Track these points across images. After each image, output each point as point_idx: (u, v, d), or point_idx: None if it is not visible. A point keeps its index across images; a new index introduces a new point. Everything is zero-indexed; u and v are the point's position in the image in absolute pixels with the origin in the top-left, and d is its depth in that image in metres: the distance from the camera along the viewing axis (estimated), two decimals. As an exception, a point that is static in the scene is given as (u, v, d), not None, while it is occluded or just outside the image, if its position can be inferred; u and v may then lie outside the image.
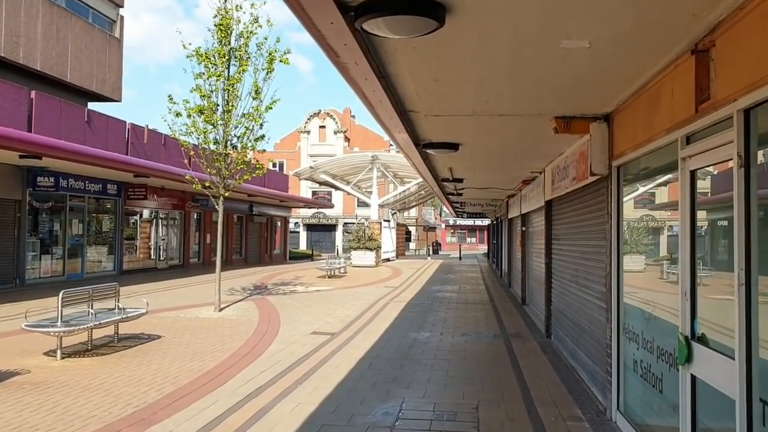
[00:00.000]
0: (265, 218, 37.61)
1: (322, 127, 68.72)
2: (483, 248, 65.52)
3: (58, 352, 8.77)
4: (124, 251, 23.12)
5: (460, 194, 18.50)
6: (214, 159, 13.68)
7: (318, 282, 22.35)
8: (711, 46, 3.67)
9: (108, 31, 24.99)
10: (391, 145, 52.53)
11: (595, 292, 7.35)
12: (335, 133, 67.94)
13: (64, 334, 8.87)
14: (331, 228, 66.94)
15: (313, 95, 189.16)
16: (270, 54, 13.57)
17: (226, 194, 13.95)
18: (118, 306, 10.20)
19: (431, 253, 51.91)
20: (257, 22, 13.67)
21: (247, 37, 13.62)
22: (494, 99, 5.72)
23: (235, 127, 13.69)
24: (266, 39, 13.69)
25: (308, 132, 68.49)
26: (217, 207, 13.98)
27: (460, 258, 44.75)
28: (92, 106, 24.18)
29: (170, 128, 13.37)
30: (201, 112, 13.33)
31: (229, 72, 13.58)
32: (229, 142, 13.76)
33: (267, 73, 13.45)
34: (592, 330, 7.53)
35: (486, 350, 10.03)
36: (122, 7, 25.84)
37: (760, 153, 3.27)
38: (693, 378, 4.00)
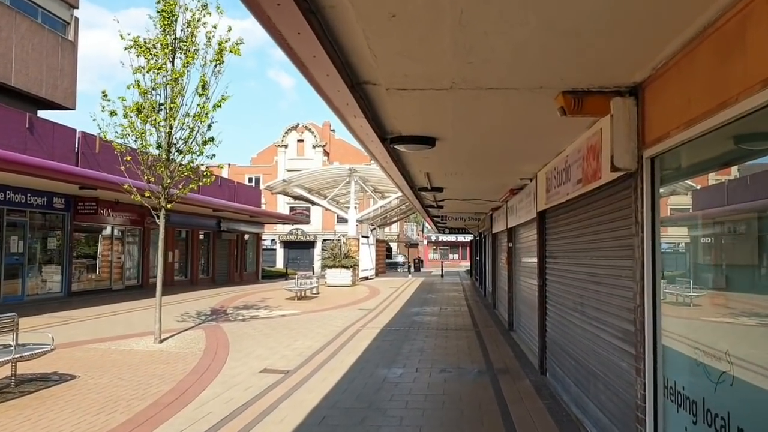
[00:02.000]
0: (234, 235, 35.58)
1: (301, 140, 66.97)
2: (466, 265, 63.78)
3: None
4: (73, 271, 20.98)
5: (441, 206, 16.75)
6: (155, 165, 11.81)
7: (285, 305, 20.41)
8: None
9: (60, 33, 23.02)
10: (371, 161, 50.26)
11: (612, 329, 5.59)
12: (314, 147, 66.21)
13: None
14: (310, 245, 64.84)
15: (295, 112, 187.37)
16: (220, 45, 11.79)
17: (169, 206, 12.06)
18: (16, 342, 8.24)
19: (413, 270, 50.08)
20: (206, 8, 11.91)
21: (194, 26, 11.83)
22: (480, 58, 3.97)
23: (181, 128, 11.85)
24: (215, 27, 11.85)
25: (286, 146, 66.70)
26: (157, 221, 12.06)
27: (442, 275, 42.95)
28: (44, 114, 22.21)
29: (100, 128, 11.48)
30: (139, 110, 11.48)
31: (173, 65, 11.76)
32: (173, 146, 11.90)
33: (215, 66, 11.65)
34: (607, 378, 5.76)
35: (469, 394, 8.20)
36: (77, 8, 23.92)
37: None
38: None
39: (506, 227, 14.82)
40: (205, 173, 12.44)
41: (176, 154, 11.98)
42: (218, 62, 11.63)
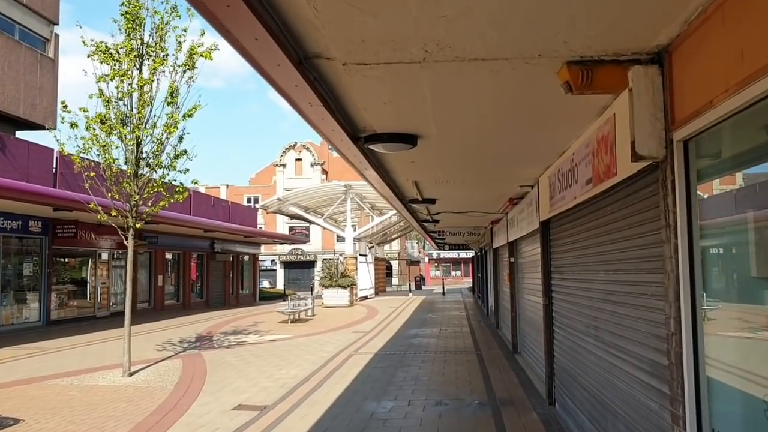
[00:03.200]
0: (229, 256, 34.55)
1: (299, 159, 66.34)
2: (468, 282, 62.54)
3: None
4: (52, 298, 19.91)
5: (437, 221, 15.73)
6: (122, 180, 10.84)
7: (277, 329, 19.32)
8: None
9: (40, 51, 22.19)
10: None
11: (635, 359, 4.55)
12: (312, 165, 65.50)
13: None
14: (310, 265, 63.71)
15: (296, 131, 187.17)
16: (191, 49, 10.86)
17: (138, 225, 11.05)
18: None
19: (414, 288, 48.92)
20: (175, 11, 11.00)
21: (163, 29, 10.91)
22: (456, 8, 2.98)
23: (151, 141, 10.89)
24: (185, 31, 10.93)
25: (284, 165, 66.06)
26: (125, 242, 11.05)
27: (443, 293, 41.77)
28: (23, 135, 21.30)
29: (57, 141, 10.54)
30: (102, 121, 10.53)
31: (141, 72, 10.82)
32: (143, 160, 10.93)
33: (185, 72, 10.71)
34: (630, 419, 4.70)
35: (468, 432, 7.13)
36: (57, 24, 23.13)
37: None
38: None
39: (507, 241, 13.79)
40: (177, 189, 11.44)
41: (146, 168, 11.01)
42: (189, 68, 10.69)
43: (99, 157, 10.71)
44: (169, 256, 28.41)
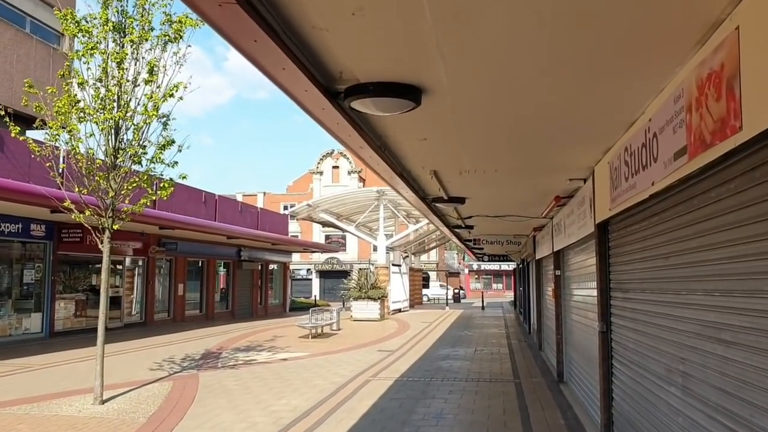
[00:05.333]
0: (258, 264, 33.10)
1: (336, 167, 65.16)
2: (510, 295, 59.93)
3: None
4: (57, 308, 18.59)
5: (470, 227, 13.81)
6: (94, 173, 9.30)
7: (295, 345, 17.60)
8: None
9: (53, 45, 21.13)
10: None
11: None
12: (349, 173, 64.18)
13: None
14: (345, 274, 62.08)
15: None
16: (179, 20, 9.27)
17: (116, 226, 9.49)
18: None
19: (451, 301, 46.75)
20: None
21: (146, -1, 9.36)
22: None
23: (133, 126, 9.33)
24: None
25: (321, 173, 64.93)
26: (100, 245, 9.49)
27: (482, 308, 39.50)
28: (33, 134, 20.15)
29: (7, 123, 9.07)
30: (73, 104, 9.02)
31: (122, 48, 9.28)
32: (122, 150, 9.37)
33: (166, 44, 9.12)
34: None
35: None
36: (75, 19, 22.05)
37: None
38: None
39: (552, 251, 11.80)
40: (163, 185, 9.83)
41: (129, 161, 9.45)
42: (173, 39, 9.09)
43: (67, 144, 9.20)
44: (191, 263, 27.07)
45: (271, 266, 36.14)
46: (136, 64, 9.38)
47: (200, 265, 27.93)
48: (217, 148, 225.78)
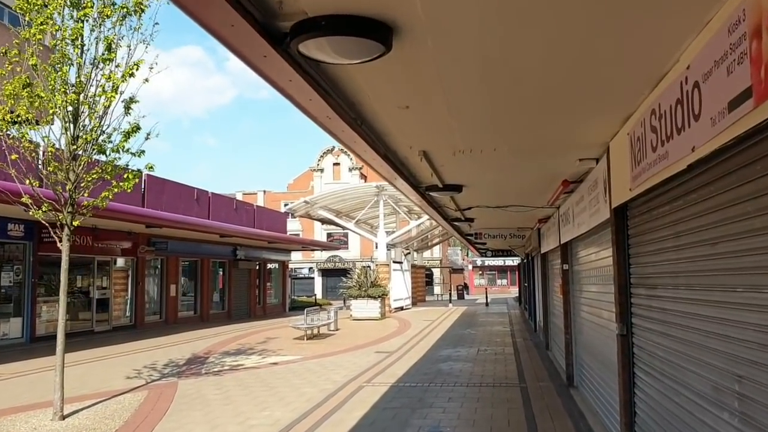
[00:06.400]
0: (255, 264, 32.19)
1: (336, 164, 64.24)
2: (515, 291, 58.95)
3: None
4: (38, 312, 17.69)
5: (470, 219, 12.86)
6: (52, 165, 8.39)
7: (288, 347, 16.68)
8: None
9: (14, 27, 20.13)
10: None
11: None
12: (350, 170, 63.22)
13: None
14: (348, 272, 61.17)
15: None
16: (140, -7, 8.34)
17: (76, 222, 8.58)
18: None
19: (455, 298, 45.78)
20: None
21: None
22: None
23: (92, 111, 8.42)
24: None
25: (321, 170, 64.02)
26: (59, 244, 8.59)
27: (486, 304, 38.52)
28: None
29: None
30: (25, 86, 8.11)
31: (80, 24, 8.35)
32: (81, 138, 8.45)
33: (125, 17, 8.18)
34: None
35: None
36: (57, 10, 21.13)
37: None
38: None
39: (559, 243, 10.85)
40: (126, 176, 8.90)
41: (90, 149, 8.53)
42: (131, 12, 8.16)
43: (18, 132, 8.30)
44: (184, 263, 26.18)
45: (270, 265, 35.25)
46: (97, 45, 8.47)
47: (194, 264, 27.04)
48: (221, 149, 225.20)
